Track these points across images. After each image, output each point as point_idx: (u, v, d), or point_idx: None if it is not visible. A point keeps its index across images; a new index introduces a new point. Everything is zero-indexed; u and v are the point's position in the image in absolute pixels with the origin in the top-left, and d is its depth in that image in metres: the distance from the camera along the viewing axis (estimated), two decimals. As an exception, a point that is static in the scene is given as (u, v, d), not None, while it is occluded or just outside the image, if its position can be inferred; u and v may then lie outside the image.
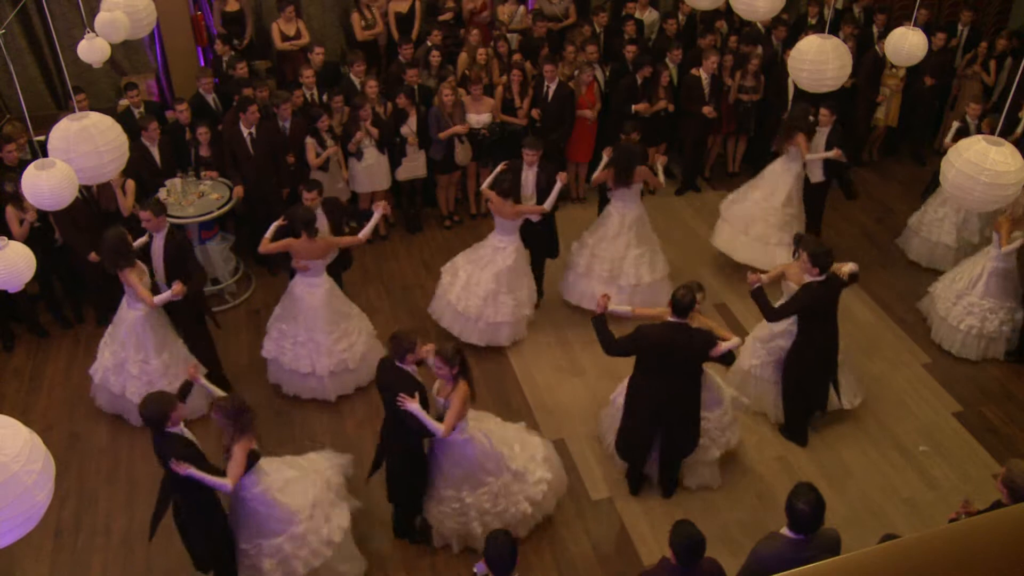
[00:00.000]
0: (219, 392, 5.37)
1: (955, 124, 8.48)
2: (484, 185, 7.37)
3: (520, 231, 7.29)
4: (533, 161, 7.24)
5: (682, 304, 5.48)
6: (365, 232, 6.71)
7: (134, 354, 6.43)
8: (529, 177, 7.28)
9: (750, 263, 7.90)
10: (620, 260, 7.55)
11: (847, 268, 6.25)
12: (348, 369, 6.82)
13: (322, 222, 6.76)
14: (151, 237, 6.56)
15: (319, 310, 6.63)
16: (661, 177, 7.57)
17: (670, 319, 5.56)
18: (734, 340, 5.63)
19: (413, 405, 5.05)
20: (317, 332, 6.66)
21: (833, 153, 8.03)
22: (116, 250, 6.11)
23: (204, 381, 5.53)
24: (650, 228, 7.72)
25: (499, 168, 7.39)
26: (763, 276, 6.33)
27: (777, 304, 6.20)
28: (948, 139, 8.43)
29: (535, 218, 7.26)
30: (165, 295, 6.21)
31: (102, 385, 6.66)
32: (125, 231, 6.26)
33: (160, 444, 4.83)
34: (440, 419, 5.19)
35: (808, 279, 6.02)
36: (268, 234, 6.58)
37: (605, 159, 7.52)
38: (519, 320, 7.41)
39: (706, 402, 5.91)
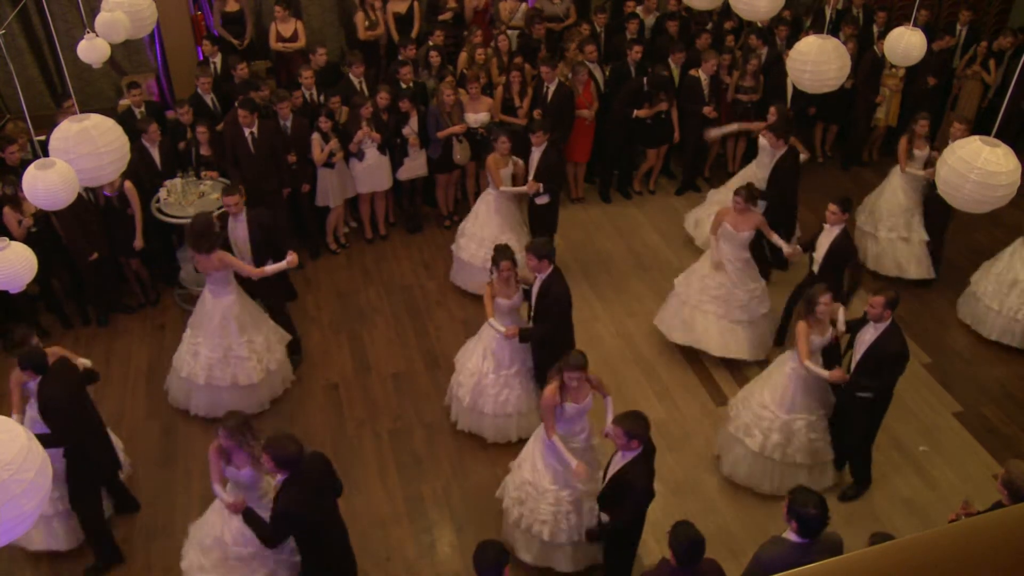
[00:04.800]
0: None
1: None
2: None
3: (528, 211, 7.82)
4: (540, 143, 7.60)
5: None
6: (265, 270, 6.46)
7: (237, 337, 6.48)
8: (535, 156, 7.66)
9: None
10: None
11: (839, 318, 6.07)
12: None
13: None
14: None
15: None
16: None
17: None
18: None
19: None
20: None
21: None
22: (202, 233, 6.19)
23: None
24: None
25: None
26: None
27: None
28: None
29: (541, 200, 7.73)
30: (278, 265, 6.43)
31: (206, 385, 6.54)
32: (211, 215, 6.43)
33: None
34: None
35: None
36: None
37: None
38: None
39: None
